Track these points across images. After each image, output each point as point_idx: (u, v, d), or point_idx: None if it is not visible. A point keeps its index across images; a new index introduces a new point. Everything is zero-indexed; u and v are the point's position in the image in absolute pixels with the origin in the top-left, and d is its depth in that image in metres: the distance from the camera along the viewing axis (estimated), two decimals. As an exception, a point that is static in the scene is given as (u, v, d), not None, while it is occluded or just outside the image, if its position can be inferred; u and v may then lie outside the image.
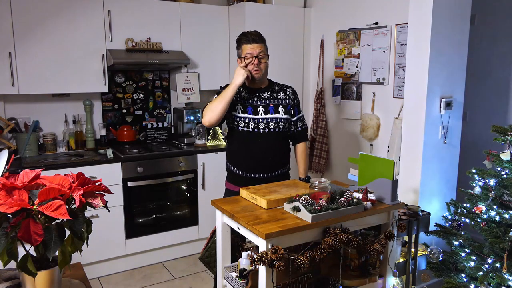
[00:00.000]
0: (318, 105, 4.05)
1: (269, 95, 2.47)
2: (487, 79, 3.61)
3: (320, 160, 4.05)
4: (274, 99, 2.47)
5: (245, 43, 2.37)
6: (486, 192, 2.37)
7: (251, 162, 2.45)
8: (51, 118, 3.61)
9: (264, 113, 2.43)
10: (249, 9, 3.76)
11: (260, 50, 2.36)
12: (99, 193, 1.24)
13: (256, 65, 2.36)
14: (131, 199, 3.43)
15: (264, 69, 2.41)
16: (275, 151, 2.48)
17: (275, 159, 2.49)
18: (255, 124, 2.42)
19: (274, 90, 2.50)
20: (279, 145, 2.50)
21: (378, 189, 1.97)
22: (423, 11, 2.63)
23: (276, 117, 2.44)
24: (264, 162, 2.45)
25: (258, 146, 2.43)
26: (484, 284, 2.19)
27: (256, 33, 2.40)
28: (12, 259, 1.10)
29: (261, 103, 2.44)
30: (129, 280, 3.38)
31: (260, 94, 2.46)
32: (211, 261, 2.25)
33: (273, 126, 2.43)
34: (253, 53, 2.35)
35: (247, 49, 2.36)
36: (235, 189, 2.45)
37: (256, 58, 2.35)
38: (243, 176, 2.47)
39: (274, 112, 2.44)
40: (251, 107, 2.43)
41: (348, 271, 2.00)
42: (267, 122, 2.42)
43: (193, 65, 3.87)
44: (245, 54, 2.37)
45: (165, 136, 4.12)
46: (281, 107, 2.46)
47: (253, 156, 2.45)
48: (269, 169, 2.47)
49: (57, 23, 3.24)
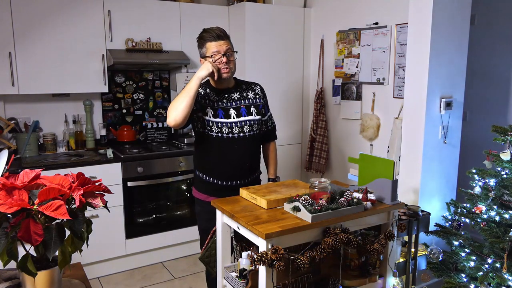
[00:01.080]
0: (318, 105, 4.05)
1: (238, 95, 2.29)
2: (487, 79, 3.61)
3: (320, 160, 4.05)
4: (244, 99, 2.29)
5: (210, 41, 2.16)
6: (486, 192, 2.37)
7: (226, 169, 2.25)
8: (51, 118, 3.61)
9: (237, 115, 2.24)
10: (249, 9, 3.76)
11: (227, 47, 2.17)
12: (99, 193, 1.24)
13: (225, 64, 2.16)
14: (131, 199, 3.43)
15: (234, 68, 2.22)
16: (251, 156, 2.32)
17: (251, 164, 2.33)
18: (228, 129, 2.22)
19: (243, 89, 2.32)
20: (254, 148, 2.35)
21: (378, 189, 1.97)
22: (423, 11, 2.63)
23: (250, 119, 2.27)
24: (240, 168, 2.28)
25: (234, 152, 2.24)
26: (484, 284, 2.19)
27: (219, 29, 2.19)
28: (12, 259, 1.10)
29: (231, 105, 2.25)
30: (129, 280, 3.38)
31: (229, 95, 2.27)
32: (211, 261, 2.24)
33: (248, 130, 2.26)
34: (220, 51, 2.15)
35: (213, 47, 2.15)
36: (206, 198, 2.28)
37: (224, 56, 2.15)
38: (215, 184, 2.27)
39: (246, 114, 2.26)
40: (221, 109, 2.23)
41: (348, 271, 2.00)
42: (241, 125, 2.24)
43: (193, 65, 3.87)
44: (211, 52, 2.15)
45: (165, 136, 4.13)
46: (253, 108, 2.29)
47: (229, 163, 2.25)
48: (245, 176, 2.30)
49: (57, 23, 3.24)
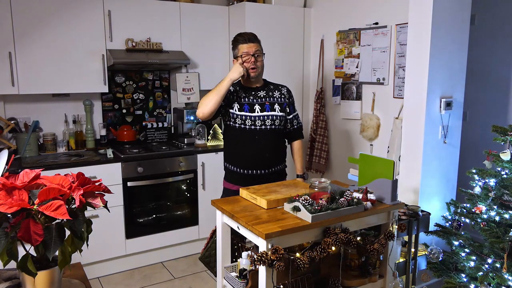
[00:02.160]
0: (318, 105, 4.05)
1: (264, 93, 2.53)
2: (487, 79, 3.61)
3: (320, 160, 4.05)
4: (269, 98, 2.53)
5: (242, 43, 2.44)
6: (486, 192, 2.37)
7: (248, 159, 2.49)
8: (51, 118, 3.61)
9: (261, 110, 2.48)
10: (249, 9, 3.76)
11: (256, 49, 2.44)
12: (99, 193, 1.24)
13: (253, 63, 2.43)
14: (131, 199, 3.43)
15: (261, 67, 2.49)
16: (271, 148, 2.53)
17: (271, 156, 2.54)
18: (251, 121, 2.46)
19: (270, 89, 2.57)
20: (275, 142, 2.55)
21: (378, 189, 1.97)
22: (423, 11, 2.63)
23: (272, 114, 2.49)
24: (261, 158, 2.50)
25: (255, 143, 2.48)
26: (484, 284, 2.19)
27: (251, 34, 2.49)
28: (12, 259, 1.10)
29: (257, 101, 2.50)
30: (129, 280, 3.38)
31: (256, 93, 2.52)
32: (211, 261, 2.25)
33: (270, 123, 2.49)
34: (250, 52, 2.42)
35: (244, 49, 2.43)
36: (233, 187, 2.51)
37: (253, 57, 2.42)
38: (241, 173, 2.51)
39: (270, 109, 2.50)
40: (247, 105, 2.49)
41: (348, 271, 2.01)
42: (264, 119, 2.48)
43: (193, 65, 3.87)
44: (241, 53, 2.44)
45: (165, 136, 4.12)
46: (276, 105, 2.52)
47: (250, 153, 2.49)
48: (265, 166, 2.51)
49: (57, 23, 3.24)
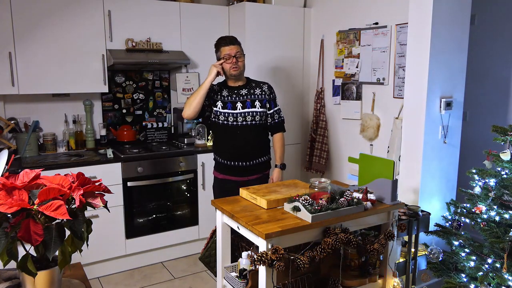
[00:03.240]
0: (318, 105, 4.05)
1: (246, 91, 2.76)
2: (487, 79, 3.61)
3: (320, 160, 4.05)
4: (251, 95, 2.76)
5: (223, 45, 2.68)
6: (486, 192, 2.37)
7: (232, 151, 2.75)
8: (51, 118, 3.61)
9: (242, 107, 2.72)
10: (249, 9, 3.76)
11: (237, 51, 2.68)
12: (99, 193, 1.24)
13: (234, 63, 2.66)
14: (131, 199, 3.43)
15: (242, 67, 2.71)
16: (253, 142, 2.77)
17: (253, 149, 2.78)
18: (233, 118, 2.71)
19: (251, 86, 2.80)
20: (256, 136, 2.79)
21: (378, 189, 1.97)
22: (423, 11, 2.63)
23: (253, 111, 2.73)
24: (243, 151, 2.74)
25: (237, 137, 2.72)
26: (484, 284, 2.19)
27: (232, 37, 2.75)
28: (12, 259, 1.10)
29: (239, 99, 2.74)
30: (129, 280, 3.38)
31: (238, 91, 2.76)
32: (211, 261, 2.25)
33: (250, 119, 2.72)
34: (231, 53, 2.65)
35: (226, 51, 2.67)
36: (219, 176, 2.84)
37: (234, 57, 2.65)
38: (226, 164, 2.78)
39: (251, 106, 2.73)
40: (230, 103, 2.73)
41: (348, 271, 2.01)
42: (244, 115, 2.71)
43: (193, 65, 3.87)
44: (223, 55, 2.66)
45: (165, 136, 4.12)
46: (257, 102, 2.76)
47: (234, 146, 2.74)
48: (248, 158, 2.75)
49: (57, 23, 3.23)
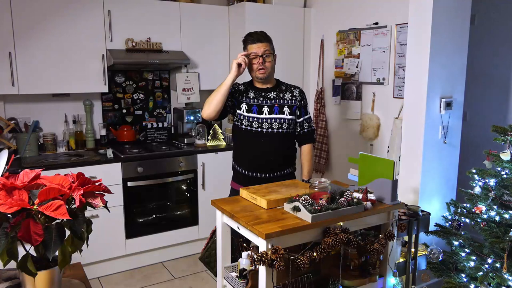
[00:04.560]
0: (318, 105, 4.05)
1: (275, 95, 2.46)
2: (487, 79, 3.61)
3: (320, 160, 4.05)
4: (280, 99, 2.46)
5: (251, 43, 2.39)
6: (486, 192, 2.37)
7: (253, 161, 2.46)
8: (51, 118, 3.61)
9: (269, 113, 2.42)
10: (249, 9, 3.76)
11: (265, 49, 2.38)
12: (99, 193, 1.24)
13: (261, 64, 2.37)
14: (131, 199, 3.43)
15: (270, 68, 2.42)
16: (277, 152, 2.46)
17: (277, 160, 2.47)
18: (258, 123, 2.41)
19: (281, 90, 2.49)
20: (282, 146, 2.48)
21: (378, 189, 1.97)
22: (423, 11, 2.63)
23: (280, 117, 2.43)
24: (265, 162, 2.45)
25: (260, 145, 2.43)
26: (484, 284, 2.19)
27: (261, 33, 2.42)
28: (12, 259, 1.10)
29: (266, 102, 2.44)
30: (129, 280, 3.38)
31: (266, 94, 2.46)
32: (211, 261, 2.24)
33: (277, 127, 2.42)
34: (258, 52, 2.36)
35: (252, 49, 2.38)
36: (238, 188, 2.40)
37: (261, 57, 2.37)
38: (245, 175, 2.48)
39: (278, 112, 2.43)
40: (256, 106, 2.43)
41: (348, 271, 2.00)
42: (271, 122, 2.42)
43: (193, 65, 3.87)
44: (250, 53, 2.39)
45: (165, 136, 4.12)
46: (286, 108, 2.45)
47: (255, 156, 2.45)
48: (270, 170, 2.46)
49: (57, 23, 3.24)
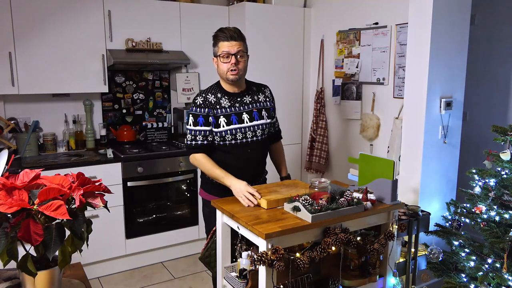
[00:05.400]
0: (318, 105, 4.05)
1: (250, 99, 2.27)
2: (487, 79, 3.61)
3: (320, 160, 4.05)
4: (256, 103, 2.28)
5: (223, 40, 2.13)
6: (486, 192, 2.37)
7: (239, 172, 2.18)
8: (51, 118, 3.61)
9: (249, 120, 2.23)
10: (249, 9, 3.76)
11: (239, 49, 2.13)
12: (99, 193, 1.24)
13: (234, 65, 2.12)
14: (131, 199, 3.43)
15: (243, 70, 2.18)
16: (261, 159, 2.34)
17: (261, 167, 2.37)
18: (242, 134, 2.22)
19: (254, 92, 2.31)
20: (264, 151, 2.37)
21: (378, 189, 1.97)
22: (423, 11, 2.63)
23: (262, 123, 2.27)
24: (252, 172, 2.29)
25: (246, 157, 2.25)
26: (484, 284, 2.19)
27: (235, 30, 2.16)
28: (12, 259, 1.10)
29: (244, 109, 2.24)
30: (129, 280, 3.38)
31: (241, 99, 2.25)
32: (211, 261, 2.24)
33: (260, 134, 2.27)
34: (231, 51, 2.11)
35: (224, 47, 2.12)
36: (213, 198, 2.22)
37: (233, 57, 2.12)
38: (222, 185, 2.19)
39: (258, 117, 2.26)
40: (235, 115, 2.21)
41: (348, 271, 2.00)
42: (254, 130, 2.24)
43: (193, 65, 3.87)
44: (221, 51, 2.13)
45: (165, 136, 4.12)
46: (264, 111, 2.29)
47: (241, 168, 2.23)
48: (254, 179, 2.29)
49: (57, 23, 3.23)
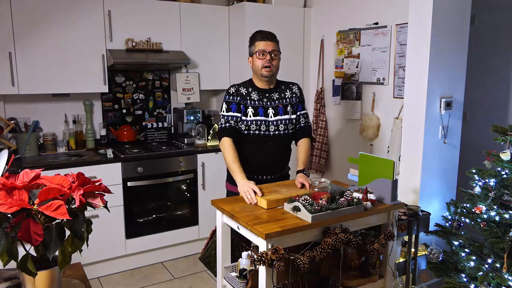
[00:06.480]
0: (318, 105, 4.05)
1: (278, 95, 2.45)
2: (487, 79, 3.61)
3: (320, 160, 4.05)
4: (282, 99, 2.45)
5: (259, 40, 2.35)
6: (486, 192, 2.37)
7: (258, 164, 2.41)
8: (51, 118, 3.61)
9: (274, 114, 2.40)
10: (249, 9, 3.76)
11: (273, 48, 2.35)
12: (99, 193, 1.24)
13: (268, 61, 2.33)
14: (131, 199, 3.43)
15: (276, 68, 2.39)
16: (282, 153, 2.48)
17: (282, 161, 2.50)
18: (266, 126, 2.38)
19: (282, 89, 2.49)
20: (285, 146, 2.49)
21: (378, 189, 1.97)
22: (423, 11, 2.63)
23: (286, 118, 2.43)
24: (272, 164, 2.44)
25: (267, 149, 2.40)
26: (484, 284, 2.19)
27: (270, 32, 2.41)
28: (12, 259, 1.10)
29: (271, 104, 2.42)
30: (129, 280, 3.38)
31: (269, 95, 2.43)
32: (211, 261, 2.25)
33: (283, 128, 2.42)
34: (266, 50, 2.33)
35: (260, 46, 2.34)
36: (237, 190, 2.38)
37: (269, 54, 2.33)
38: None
39: (283, 113, 2.42)
40: (262, 108, 2.40)
41: (348, 271, 2.00)
42: (277, 124, 2.40)
43: (193, 65, 3.87)
44: (257, 49, 2.34)
45: (165, 136, 4.12)
46: (289, 107, 2.45)
47: (262, 159, 2.41)
48: (275, 171, 2.46)
49: (57, 23, 3.23)
